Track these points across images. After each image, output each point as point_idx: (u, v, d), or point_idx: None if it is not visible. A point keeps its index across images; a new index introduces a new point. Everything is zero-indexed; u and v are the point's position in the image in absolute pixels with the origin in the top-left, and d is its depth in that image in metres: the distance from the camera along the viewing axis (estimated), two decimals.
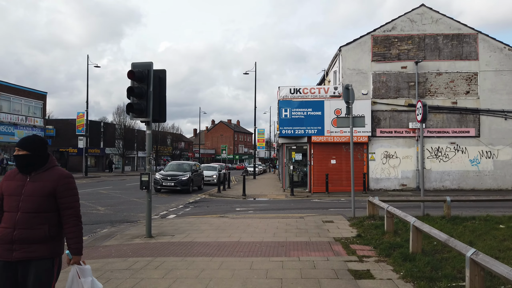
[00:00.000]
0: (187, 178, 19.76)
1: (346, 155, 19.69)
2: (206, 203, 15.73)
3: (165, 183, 19.49)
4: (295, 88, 19.94)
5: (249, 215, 12.20)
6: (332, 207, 14.08)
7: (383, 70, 19.99)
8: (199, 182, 22.31)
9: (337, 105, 19.51)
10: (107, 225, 10.27)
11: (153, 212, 12.81)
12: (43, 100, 39.49)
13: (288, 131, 19.53)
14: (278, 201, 16.81)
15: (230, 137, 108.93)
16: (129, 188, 22.09)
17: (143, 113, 7.92)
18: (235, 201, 16.45)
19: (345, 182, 19.63)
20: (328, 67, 24.57)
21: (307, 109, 19.47)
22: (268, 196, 18.98)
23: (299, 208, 13.85)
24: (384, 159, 19.89)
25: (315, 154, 19.73)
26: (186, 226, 9.48)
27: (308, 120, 19.47)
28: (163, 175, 19.82)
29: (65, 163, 34.08)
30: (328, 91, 19.83)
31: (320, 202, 16.11)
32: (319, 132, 19.46)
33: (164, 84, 8.48)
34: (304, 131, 19.47)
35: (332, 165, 19.70)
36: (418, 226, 5.98)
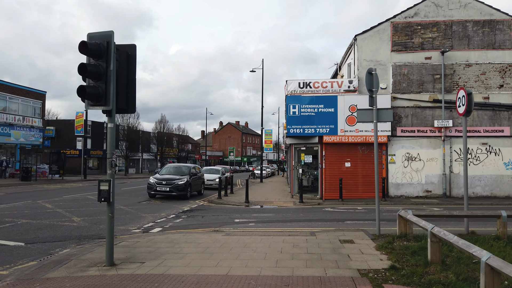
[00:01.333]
0: (184, 182, 17.77)
1: (362, 157, 17.48)
2: (202, 212, 13.69)
3: (160, 188, 17.51)
4: (305, 81, 17.82)
5: (249, 229, 10.11)
6: (348, 219, 11.90)
7: (405, 61, 17.74)
8: (198, 187, 20.31)
9: (352, 101, 17.32)
10: (72, 243, 8.29)
11: (136, 224, 10.83)
12: (42, 99, 37.99)
13: (297, 130, 17.40)
14: (285, 209, 14.68)
15: (238, 139, 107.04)
16: (123, 193, 20.20)
17: (101, 99, 5.91)
18: (235, 210, 14.37)
19: (361, 188, 17.41)
20: (342, 60, 22.37)
21: (318, 106, 17.32)
22: (274, 203, 16.86)
23: (309, 220, 11.69)
24: (406, 161, 17.60)
25: (327, 156, 17.55)
26: (165, 248, 7.43)
27: (319, 118, 17.31)
28: (157, 179, 17.85)
29: (62, 165, 32.43)
30: (342, 85, 17.65)
31: (333, 211, 13.93)
32: (332, 131, 17.29)
33: (134, 64, 6.48)
34: (315, 130, 17.32)
35: (346, 169, 17.50)
36: (498, 267, 3.81)
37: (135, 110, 6.58)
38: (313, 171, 19.97)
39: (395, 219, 11.35)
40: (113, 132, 6.25)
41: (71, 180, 32.77)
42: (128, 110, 6.52)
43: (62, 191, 21.37)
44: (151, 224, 10.95)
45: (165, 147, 59.73)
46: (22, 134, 35.31)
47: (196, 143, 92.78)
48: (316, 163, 18.60)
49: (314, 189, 19.36)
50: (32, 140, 36.27)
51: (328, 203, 16.13)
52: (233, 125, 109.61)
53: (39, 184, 26.46)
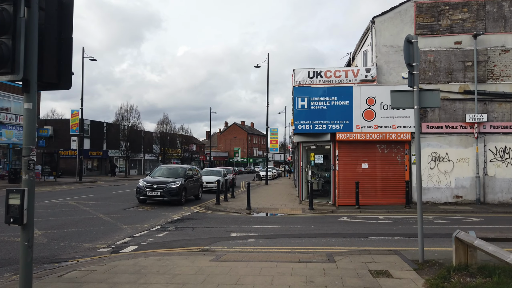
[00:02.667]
0: (177, 186, 15.62)
1: (381, 158, 15.18)
2: (194, 222, 11.52)
3: (150, 192, 15.39)
4: (315, 71, 15.57)
5: (247, 248, 7.91)
6: (372, 233, 9.62)
7: (430, 47, 15.41)
8: (196, 191, 18.16)
9: (370, 92, 15.03)
10: (10, 270, 6.19)
11: (108, 240, 8.68)
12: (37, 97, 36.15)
13: (306, 126, 15.16)
14: (293, 219, 12.45)
15: (244, 140, 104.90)
16: (112, 198, 18.13)
17: (4, 63, 3.76)
18: (234, 219, 12.18)
19: (380, 192, 15.11)
20: (355, 49, 20.07)
21: (330, 98, 15.06)
22: (280, 210, 14.63)
23: (324, 235, 9.45)
24: (432, 162, 15.26)
25: (341, 156, 15.28)
26: (125, 283, 5.26)
27: (331, 112, 15.06)
28: (147, 182, 15.73)
29: (55, 166, 30.54)
30: (358, 74, 15.37)
31: (351, 222, 11.66)
32: (346, 127, 15.01)
33: (70, 17, 4.33)
34: (327, 126, 15.06)
35: (363, 171, 15.21)
36: None
37: (71, 85, 4.42)
38: (324, 173, 17.68)
39: (433, 234, 9.05)
40: (32, 117, 4.09)
41: (64, 182, 30.86)
42: (59, 85, 4.35)
43: (46, 195, 19.38)
44: (127, 239, 8.80)
45: (168, 148, 57.75)
46: (14, 133, 33.50)
47: (201, 143, 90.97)
48: (328, 164, 16.35)
49: (325, 194, 17.09)
50: None
51: (343, 211, 13.86)
52: (238, 125, 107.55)
53: None
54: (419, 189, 6.40)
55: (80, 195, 19.08)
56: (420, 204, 6.33)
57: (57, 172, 30.85)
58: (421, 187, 6.40)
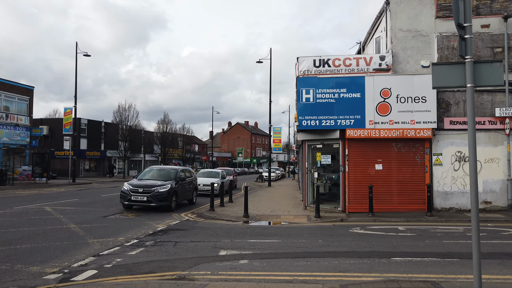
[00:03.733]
0: (166, 189, 13.86)
1: (398, 158, 13.33)
2: (179, 234, 9.74)
3: (135, 197, 13.63)
4: (322, 59, 13.74)
5: (236, 275, 6.10)
6: (395, 252, 7.76)
7: (454, 31, 13.52)
8: (189, 194, 16.40)
9: (385, 83, 13.18)
10: None
11: (65, 261, 6.84)
12: (29, 95, 34.66)
13: (311, 122, 13.33)
14: (296, 229, 10.62)
15: (247, 140, 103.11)
16: (97, 202, 16.42)
17: None
18: (227, 230, 10.38)
19: (396, 197, 13.25)
20: (366, 37, 18.17)
21: (339, 90, 13.23)
22: (282, 217, 12.81)
23: (335, 254, 7.61)
24: (457, 163, 13.36)
25: (352, 156, 13.44)
26: None
27: (341, 106, 13.22)
28: (133, 185, 13.97)
29: (46, 168, 28.94)
30: (371, 62, 13.52)
31: (366, 235, 9.80)
32: (358, 123, 13.17)
33: None
34: (335, 122, 13.23)
35: (377, 173, 13.36)
36: None
37: None
38: (331, 175, 15.82)
39: (469, 253, 6.55)
40: None
41: (56, 184, 29.26)
42: None
43: (27, 198, 17.72)
44: (88, 260, 7.03)
45: (169, 148, 56.11)
46: (5, 133, 31.97)
47: (203, 144, 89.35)
48: (336, 164, 14.52)
49: (333, 198, 15.24)
50: (17, 140, 32.93)
51: (355, 219, 12.00)
52: (242, 125, 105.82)
53: (13, 189, 22.91)
54: (473, 191, 4.59)
55: (63, 199, 17.40)
56: (476, 214, 4.52)
57: (48, 173, 29.24)
58: (476, 188, 4.61)
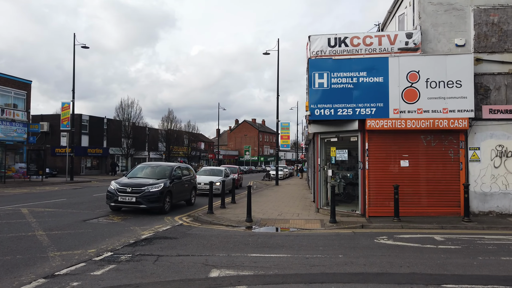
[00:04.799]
0: (158, 189, 12.11)
1: (427, 152, 11.38)
2: (166, 245, 7.95)
3: (122, 198, 11.90)
4: (338, 37, 11.81)
5: None
6: (444, 275, 5.83)
7: (493, 3, 11.50)
8: (186, 194, 14.65)
9: (412, 65, 11.22)
10: None
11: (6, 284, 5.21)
12: (27, 90, 33.26)
13: (325, 111, 11.43)
14: (309, 238, 8.76)
15: (255, 138, 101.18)
16: (84, 203, 14.76)
17: None
18: (225, 239, 8.56)
19: (425, 199, 11.30)
20: (387, 16, 16.11)
21: (358, 73, 11.31)
22: (292, 222, 10.96)
23: (365, 278, 5.72)
24: (497, 158, 11.36)
25: (373, 151, 11.52)
26: None
27: (360, 92, 11.31)
28: (121, 184, 12.25)
29: (41, 165, 27.47)
30: (396, 40, 11.55)
31: (397, 247, 7.89)
32: (380, 112, 11.24)
33: None
34: (353, 111, 11.31)
35: (402, 170, 11.41)
36: None
37: None
38: (346, 173, 13.88)
39: None
40: None
41: (52, 182, 27.80)
42: None
43: (12, 198, 16.14)
44: (35, 284, 5.28)
45: (174, 146, 54.51)
46: (1, 129, 30.60)
47: (210, 141, 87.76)
48: (352, 161, 12.62)
49: (348, 199, 13.34)
50: (14, 136, 31.50)
51: (378, 225, 10.08)
52: (249, 122, 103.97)
53: (2, 188, 21.42)
54: None
55: (49, 199, 15.79)
56: None
57: (44, 170, 27.78)
58: None
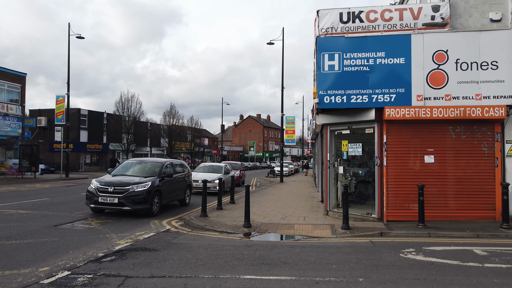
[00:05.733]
0: (145, 189, 10.60)
1: (457, 146, 9.72)
2: (141, 258, 6.42)
3: (103, 198, 10.41)
4: (351, 11, 10.13)
5: None
6: None
7: None
8: (180, 194, 13.17)
9: (439, 43, 9.54)
10: None
11: None
12: (21, 83, 31.95)
13: (336, 98, 9.80)
14: (318, 250, 7.17)
15: (259, 133, 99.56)
16: (66, 203, 13.34)
17: None
18: (215, 252, 7.01)
19: (453, 201, 9.66)
20: None
21: (375, 54, 9.66)
22: (297, 227, 9.38)
23: None
24: None
25: (392, 144, 9.88)
26: None
27: (377, 76, 9.66)
28: (102, 183, 10.75)
29: (34, 161, 26.17)
30: (420, 14, 9.84)
31: (432, 265, 6.27)
32: (401, 99, 9.59)
33: None
34: (369, 98, 9.68)
35: (427, 167, 9.77)
36: None
37: None
38: (357, 170, 12.25)
39: None
40: None
41: (45, 179, 26.48)
42: None
43: None
44: None
45: (177, 141, 53.11)
46: None
47: (214, 137, 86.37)
48: (365, 156, 11.02)
49: (361, 200, 11.74)
50: (8, 131, 30.25)
51: (400, 233, 8.46)
52: (254, 118, 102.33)
53: None
54: None
55: (30, 199, 14.39)
56: None
57: (37, 167, 26.49)
58: None
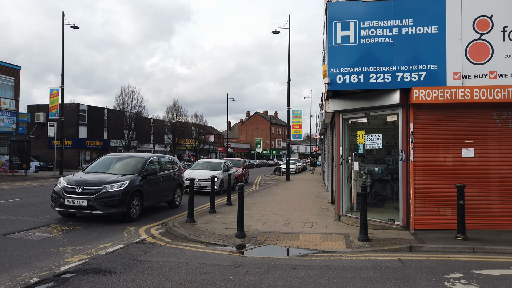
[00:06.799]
0: (121, 189, 8.86)
1: (502, 136, 7.78)
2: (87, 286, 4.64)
3: (70, 201, 8.68)
4: None
5: None
6: None
7: None
8: (167, 194, 11.41)
9: (482, 7, 7.60)
10: None
11: None
12: (15, 76, 30.56)
13: (352, 77, 7.92)
14: (329, 273, 5.34)
15: (267, 130, 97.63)
16: (39, 204, 11.72)
17: None
18: (192, 275, 5.22)
19: (498, 206, 7.74)
20: None
21: (399, 22, 7.76)
22: (303, 238, 7.54)
23: None
24: None
25: (421, 134, 7.96)
26: None
27: (402, 50, 7.76)
28: (70, 183, 9.02)
29: (25, 158, 24.69)
30: None
31: None
32: (433, 77, 7.67)
33: None
34: (393, 77, 7.78)
35: (464, 162, 7.84)
36: None
37: None
38: (373, 167, 10.29)
39: None
40: None
41: (36, 176, 25.01)
42: None
43: None
44: None
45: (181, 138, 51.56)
46: None
47: (220, 134, 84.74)
48: (382, 151, 9.14)
49: (378, 201, 9.87)
50: (1, 126, 28.96)
51: (436, 247, 6.56)
52: (261, 115, 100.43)
53: None
54: None
55: (4, 199, 12.79)
56: None
57: (27, 163, 25.02)
58: None
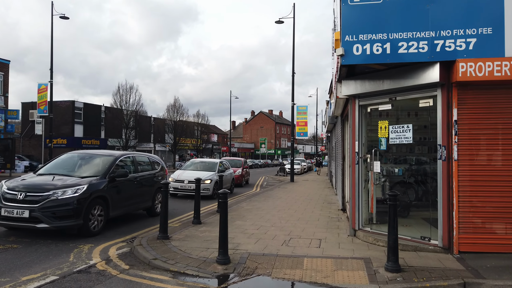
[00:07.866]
0: (76, 195, 6.93)
1: None
2: None
3: (8, 211, 6.76)
4: None
5: None
6: None
7: None
8: (145, 200, 9.46)
9: None
10: None
11: None
12: (4, 71, 28.98)
13: (373, 46, 5.88)
14: None
15: (271, 130, 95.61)
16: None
17: None
18: None
19: None
20: None
21: None
22: (308, 264, 5.52)
23: None
24: None
25: (467, 123, 5.90)
26: None
27: (443, 9, 5.71)
28: (10, 187, 7.10)
29: (10, 157, 23.00)
30: None
31: None
32: (485, 45, 5.62)
33: None
34: (430, 46, 5.72)
35: None
36: None
37: None
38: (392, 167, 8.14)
39: None
40: None
41: None
42: None
43: None
44: None
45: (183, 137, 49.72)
46: None
47: (223, 134, 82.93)
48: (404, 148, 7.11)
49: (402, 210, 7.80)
50: None
51: (502, 284, 4.50)
52: (265, 114, 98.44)
53: None
54: None
55: None
56: None
57: (12, 163, 23.33)
58: None
